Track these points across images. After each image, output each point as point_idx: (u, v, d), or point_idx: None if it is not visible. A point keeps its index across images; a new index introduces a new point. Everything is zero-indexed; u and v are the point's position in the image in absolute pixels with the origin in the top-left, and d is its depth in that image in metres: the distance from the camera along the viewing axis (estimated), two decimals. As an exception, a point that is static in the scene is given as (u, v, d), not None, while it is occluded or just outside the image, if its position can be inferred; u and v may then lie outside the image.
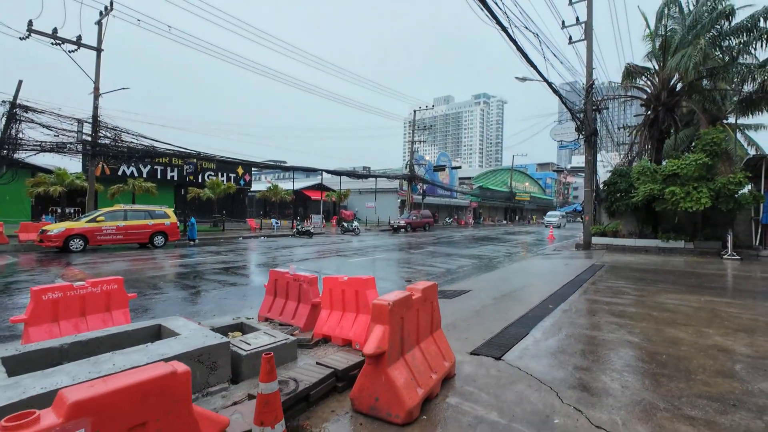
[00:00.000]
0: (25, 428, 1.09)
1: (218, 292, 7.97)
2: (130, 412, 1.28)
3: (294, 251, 15.74)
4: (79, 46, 15.79)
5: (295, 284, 5.54)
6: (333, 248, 17.29)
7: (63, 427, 1.13)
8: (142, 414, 1.31)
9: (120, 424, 1.25)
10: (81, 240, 13.51)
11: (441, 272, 10.80)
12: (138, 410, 1.30)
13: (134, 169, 25.12)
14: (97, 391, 1.23)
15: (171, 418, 1.37)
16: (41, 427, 1.11)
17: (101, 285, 4.84)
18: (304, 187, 40.25)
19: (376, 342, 2.43)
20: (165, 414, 1.36)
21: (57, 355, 3.29)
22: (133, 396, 1.29)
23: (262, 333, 4.28)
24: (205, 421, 1.54)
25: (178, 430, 1.40)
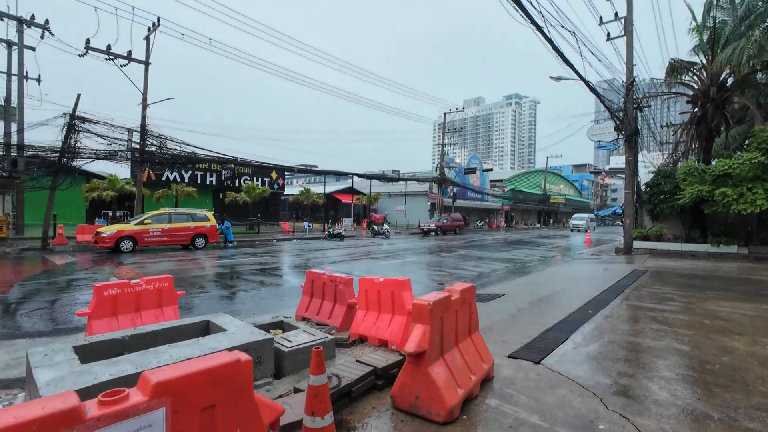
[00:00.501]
0: (118, 404, 1.23)
1: (257, 291, 8.29)
2: (202, 394, 1.41)
3: (326, 253, 16.05)
4: (130, 61, 16.94)
5: (332, 285, 5.69)
6: (364, 251, 17.48)
7: (148, 404, 1.27)
8: (212, 397, 1.43)
9: (194, 405, 1.38)
10: (130, 241, 14.43)
11: (473, 276, 10.68)
12: (208, 393, 1.43)
13: (177, 175, 26.51)
14: (175, 374, 1.37)
15: (236, 402, 1.50)
16: (130, 403, 1.26)
17: (154, 283, 5.18)
18: (335, 190, 40.92)
19: (417, 341, 2.49)
20: (231, 398, 1.48)
21: (120, 345, 3.57)
22: (204, 380, 1.42)
23: (302, 331, 4.44)
24: (264, 407, 1.66)
25: (242, 413, 1.52)
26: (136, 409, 1.24)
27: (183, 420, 1.34)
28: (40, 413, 1.08)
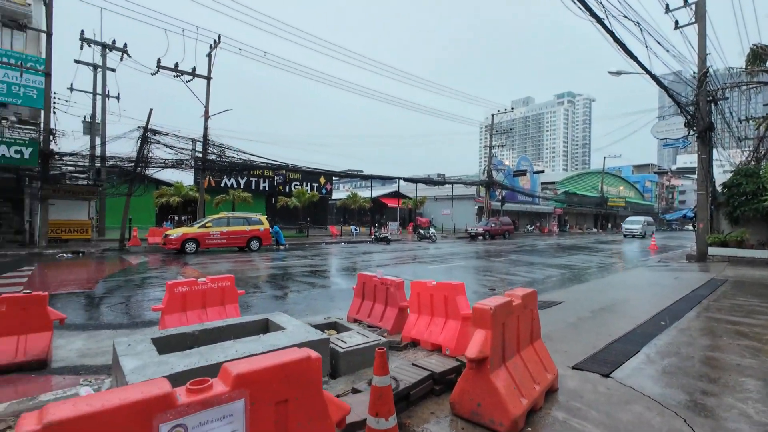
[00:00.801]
0: (204, 392, 1.31)
1: (308, 292, 8.54)
2: (277, 388, 1.46)
3: (373, 257, 16.20)
4: (194, 76, 18.33)
5: (383, 288, 5.71)
6: (411, 255, 17.42)
7: (229, 394, 1.34)
8: (285, 391, 1.48)
9: (269, 398, 1.44)
10: (194, 243, 15.52)
11: (526, 282, 10.25)
12: (282, 388, 1.48)
13: (234, 181, 28.17)
14: (253, 368, 1.44)
15: (307, 398, 1.54)
16: (214, 393, 1.33)
17: (218, 282, 5.52)
18: (381, 194, 41.30)
19: (479, 346, 2.41)
20: (302, 393, 1.52)
21: (190, 339, 3.83)
22: (279, 374, 1.47)
23: (355, 333, 4.49)
24: (332, 405, 1.69)
25: (312, 408, 1.56)
26: (219, 398, 1.31)
27: (260, 412, 1.40)
28: (139, 396, 1.17)
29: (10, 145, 13.98)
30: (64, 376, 4.03)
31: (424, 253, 18.27)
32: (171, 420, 1.19)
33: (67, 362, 4.40)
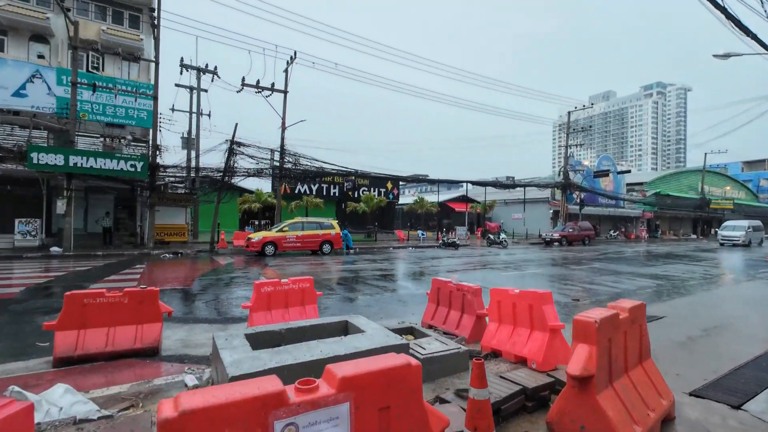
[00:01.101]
0: (312, 392, 1.33)
1: (380, 296, 8.62)
2: (379, 394, 1.44)
3: (442, 262, 15.93)
4: (273, 91, 19.77)
5: (459, 294, 5.53)
6: (481, 260, 16.82)
7: (335, 397, 1.34)
8: (388, 398, 1.46)
9: (372, 403, 1.42)
10: (272, 246, 16.63)
11: (615, 293, 9.27)
12: (385, 394, 1.45)
13: (307, 188, 29.74)
14: (357, 371, 1.43)
15: (408, 407, 1.50)
16: (320, 394, 1.35)
17: (298, 283, 5.78)
18: (448, 199, 40.65)
19: (583, 363, 2.18)
20: (403, 401, 1.49)
21: (277, 337, 4.04)
22: (381, 380, 1.45)
23: (434, 339, 4.39)
24: (432, 416, 1.63)
25: (413, 417, 1.51)
26: (326, 400, 1.33)
27: (364, 417, 1.39)
28: (257, 392, 1.22)
29: (127, 160, 16.25)
30: (171, 364, 4.49)
31: (495, 259, 17.53)
32: (284, 418, 1.22)
33: (173, 351, 4.91)
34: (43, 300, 7.59)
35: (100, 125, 19.45)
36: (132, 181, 17.73)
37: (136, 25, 21.16)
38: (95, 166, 15.65)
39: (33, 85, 17.60)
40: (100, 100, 18.51)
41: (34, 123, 17.33)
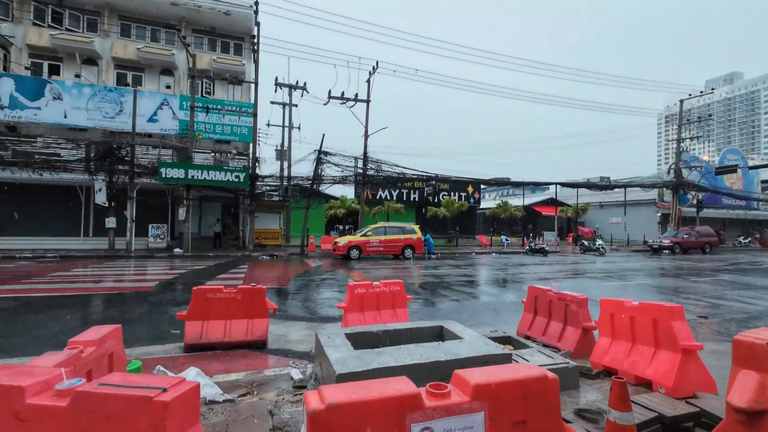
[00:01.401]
0: (445, 398, 1.30)
1: (469, 303, 8.35)
2: (515, 406, 1.35)
3: (531, 269, 14.94)
4: (356, 101, 20.65)
5: (560, 304, 5.10)
6: (576, 268, 15.41)
7: (470, 405, 1.29)
8: (524, 411, 1.36)
9: (507, 416, 1.34)
10: (357, 250, 17.25)
11: (755, 311, 7.73)
12: (520, 407, 1.36)
13: (387, 194, 30.38)
14: (491, 379, 1.36)
15: (545, 423, 1.38)
16: (453, 401, 1.31)
17: (390, 286, 5.86)
18: (534, 202, 38.22)
19: (751, 394, 1.80)
20: (540, 417, 1.37)
21: (375, 338, 4.12)
22: (517, 391, 1.36)
23: (536, 351, 4.09)
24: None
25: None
26: (460, 407, 1.28)
27: (498, 430, 1.31)
28: (394, 392, 1.23)
29: (232, 172, 18.31)
30: (277, 357, 4.85)
31: (592, 267, 15.90)
32: (420, 421, 1.21)
33: (277, 345, 5.30)
34: (172, 293, 8.83)
35: (211, 142, 22.22)
36: (235, 191, 19.88)
37: (239, 52, 23.82)
38: (208, 178, 17.88)
39: (162, 111, 20.84)
40: (211, 120, 21.17)
41: (162, 143, 20.47)
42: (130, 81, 22.06)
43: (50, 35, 19.89)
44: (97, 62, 21.50)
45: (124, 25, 22.03)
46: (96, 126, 19.82)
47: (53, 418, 1.18)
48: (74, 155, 18.63)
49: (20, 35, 19.73)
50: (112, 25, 21.53)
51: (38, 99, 18.85)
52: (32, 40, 19.86)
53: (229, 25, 23.04)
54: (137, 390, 1.19)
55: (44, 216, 18.55)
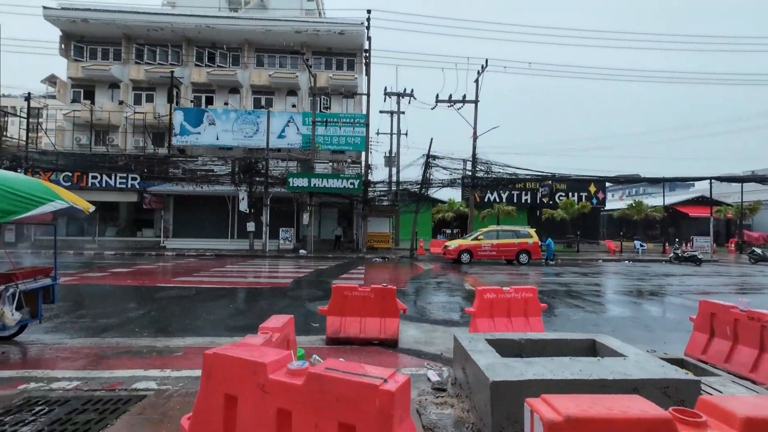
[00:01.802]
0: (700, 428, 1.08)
1: (608, 316, 7.39)
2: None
3: (683, 280, 12.57)
4: (464, 103, 20.29)
5: (753, 325, 4.11)
6: (749, 282, 12.46)
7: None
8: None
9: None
10: (468, 254, 16.81)
11: None
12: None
13: (497, 196, 29.02)
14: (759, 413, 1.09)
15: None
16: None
17: (521, 293, 5.49)
18: (678, 201, 32.30)
19: None
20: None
21: (516, 346, 3.87)
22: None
23: (728, 381, 3.35)
24: None
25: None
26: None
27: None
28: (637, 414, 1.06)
29: (347, 179, 19.65)
30: (410, 357, 4.93)
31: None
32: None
33: (408, 345, 5.39)
34: (306, 290, 9.78)
35: (329, 153, 24.22)
36: (350, 197, 21.24)
37: (351, 67, 25.57)
38: (327, 185, 19.50)
39: (288, 128, 23.53)
40: (328, 133, 23.09)
41: (288, 156, 23.07)
42: (264, 103, 25.47)
43: (207, 72, 24.19)
44: (239, 90, 25.38)
45: (259, 56, 25.57)
46: (238, 144, 23.33)
47: (290, 393, 1.34)
48: (223, 170, 22.25)
49: (186, 76, 24.43)
50: (250, 58, 25.17)
51: (199, 126, 23.04)
52: (194, 78, 24.41)
53: (343, 44, 24.89)
54: (361, 377, 1.28)
55: (203, 221, 22.52)
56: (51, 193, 4.84)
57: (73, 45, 24.22)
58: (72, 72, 24.02)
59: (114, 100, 24.51)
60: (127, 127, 24.12)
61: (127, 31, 23.87)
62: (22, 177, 4.74)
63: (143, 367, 4.43)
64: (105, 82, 24.49)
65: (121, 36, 24.13)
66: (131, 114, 23.75)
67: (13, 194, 4.40)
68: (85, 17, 22.94)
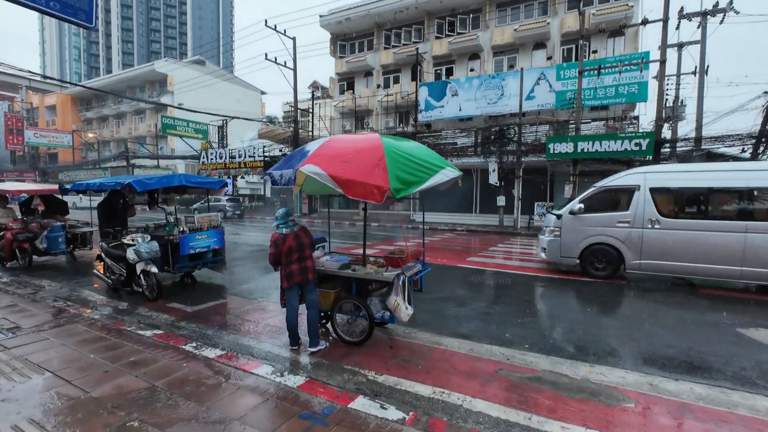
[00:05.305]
0: None
1: None
2: None
3: None
4: None
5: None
6: None
7: None
8: None
9: None
10: None
11: None
12: None
13: None
14: None
15: None
16: None
17: None
18: None
19: None
20: None
21: None
22: None
23: None
24: None
25: None
26: None
27: None
28: None
29: (631, 140, 15.14)
30: None
31: None
32: None
33: None
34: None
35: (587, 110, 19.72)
36: (629, 162, 16.50)
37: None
38: (600, 149, 15.59)
39: (538, 86, 20.33)
40: (590, 85, 18.61)
41: (538, 120, 20.00)
42: (505, 65, 23.00)
43: (448, 42, 23.53)
44: (478, 55, 23.73)
45: (500, 13, 23.05)
46: (481, 113, 21.83)
47: None
48: (466, 143, 21.30)
49: (428, 50, 24.51)
50: (491, 15, 22.96)
51: (442, 99, 22.76)
52: (435, 51, 24.21)
53: (613, -35, 19.32)
54: None
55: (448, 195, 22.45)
56: (442, 160, 3.85)
57: (338, 44, 28.04)
58: (338, 68, 27.96)
59: (369, 87, 27.25)
60: (379, 110, 26.42)
61: (378, 20, 25.69)
62: (415, 144, 3.95)
63: (581, 422, 2.88)
64: (361, 71, 27.44)
65: (373, 25, 26.22)
66: (382, 97, 25.79)
67: (415, 163, 3.50)
68: (348, 16, 25.95)
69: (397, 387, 3.37)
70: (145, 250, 5.89)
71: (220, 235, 7.05)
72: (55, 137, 37.94)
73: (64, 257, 9.81)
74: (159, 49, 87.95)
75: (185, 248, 6.38)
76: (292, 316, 4.13)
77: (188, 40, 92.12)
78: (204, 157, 24.99)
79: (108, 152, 40.01)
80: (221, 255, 7.26)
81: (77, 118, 44.55)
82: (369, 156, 3.42)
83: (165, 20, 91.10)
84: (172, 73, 37.59)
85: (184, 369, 3.64)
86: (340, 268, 4.31)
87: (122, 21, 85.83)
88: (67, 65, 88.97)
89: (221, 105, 34.35)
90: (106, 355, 3.94)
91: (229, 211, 24.75)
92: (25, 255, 8.73)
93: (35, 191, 9.37)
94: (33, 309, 5.56)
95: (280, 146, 27.25)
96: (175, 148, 35.45)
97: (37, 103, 45.26)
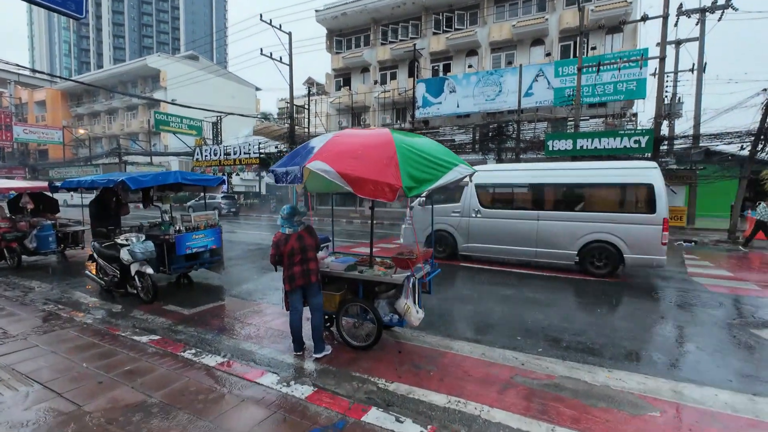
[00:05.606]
0: None
1: None
2: None
3: None
4: None
5: None
6: None
7: None
8: None
9: None
10: None
11: None
12: None
13: None
14: None
15: None
16: None
17: None
18: None
19: None
20: None
21: None
22: None
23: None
24: None
25: None
26: None
27: None
28: None
29: (630, 136, 15.05)
30: None
31: None
32: None
33: None
34: (662, 290, 6.91)
35: (585, 107, 19.65)
36: (628, 159, 16.43)
37: (621, -10, 19.63)
38: (599, 146, 15.52)
39: (536, 83, 20.22)
40: (588, 82, 18.53)
41: (536, 117, 19.90)
42: (503, 61, 22.84)
43: (445, 38, 23.32)
44: (476, 51, 23.55)
45: (498, 9, 22.87)
46: (479, 110, 21.68)
47: None
48: (463, 140, 21.15)
49: (426, 46, 24.26)
50: (489, 11, 22.77)
51: (439, 95, 22.56)
52: (433, 47, 23.99)
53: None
54: None
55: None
56: (455, 157, 3.67)
57: (335, 40, 27.69)
58: (335, 64, 27.62)
59: (365, 83, 26.96)
60: (376, 106, 26.15)
61: (375, 15, 25.38)
62: (426, 140, 3.76)
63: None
64: (358, 67, 27.13)
65: (369, 21, 25.91)
66: (379, 94, 25.53)
67: (428, 160, 3.31)
68: (344, 11, 25.59)
69: (410, 396, 3.20)
70: (140, 251, 5.65)
71: (218, 234, 6.83)
72: (45, 133, 37.17)
73: (54, 257, 9.52)
74: (151, 44, 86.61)
75: (182, 248, 6.15)
76: (297, 320, 3.94)
77: (181, 34, 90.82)
78: (198, 154, 24.60)
79: (99, 149, 39.34)
80: (219, 255, 7.04)
81: (68, 113, 43.72)
82: (380, 152, 3.23)
83: (157, 14, 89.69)
84: (165, 68, 36.96)
85: (184, 379, 3.44)
86: (346, 269, 4.13)
87: (113, 15, 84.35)
88: (57, 60, 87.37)
89: (215, 101, 33.84)
90: (99, 364, 3.72)
91: (225, 208, 24.40)
92: (13, 255, 8.44)
93: (24, 189, 9.06)
94: (21, 313, 5.31)
95: (276, 143, 26.90)
96: (168, 144, 34.91)
97: (26, 99, 44.34)
